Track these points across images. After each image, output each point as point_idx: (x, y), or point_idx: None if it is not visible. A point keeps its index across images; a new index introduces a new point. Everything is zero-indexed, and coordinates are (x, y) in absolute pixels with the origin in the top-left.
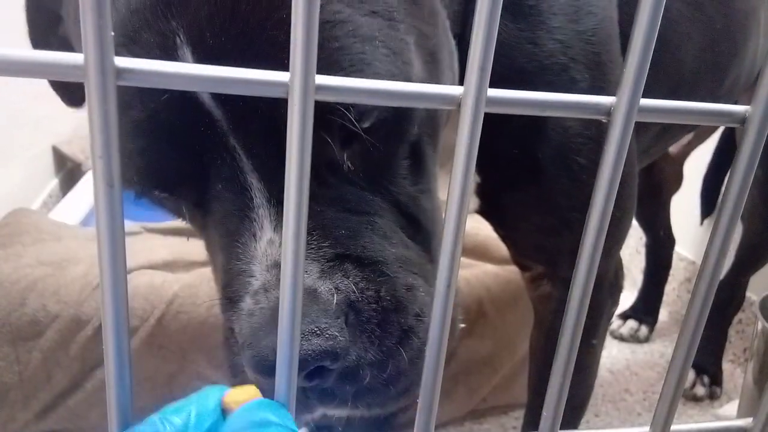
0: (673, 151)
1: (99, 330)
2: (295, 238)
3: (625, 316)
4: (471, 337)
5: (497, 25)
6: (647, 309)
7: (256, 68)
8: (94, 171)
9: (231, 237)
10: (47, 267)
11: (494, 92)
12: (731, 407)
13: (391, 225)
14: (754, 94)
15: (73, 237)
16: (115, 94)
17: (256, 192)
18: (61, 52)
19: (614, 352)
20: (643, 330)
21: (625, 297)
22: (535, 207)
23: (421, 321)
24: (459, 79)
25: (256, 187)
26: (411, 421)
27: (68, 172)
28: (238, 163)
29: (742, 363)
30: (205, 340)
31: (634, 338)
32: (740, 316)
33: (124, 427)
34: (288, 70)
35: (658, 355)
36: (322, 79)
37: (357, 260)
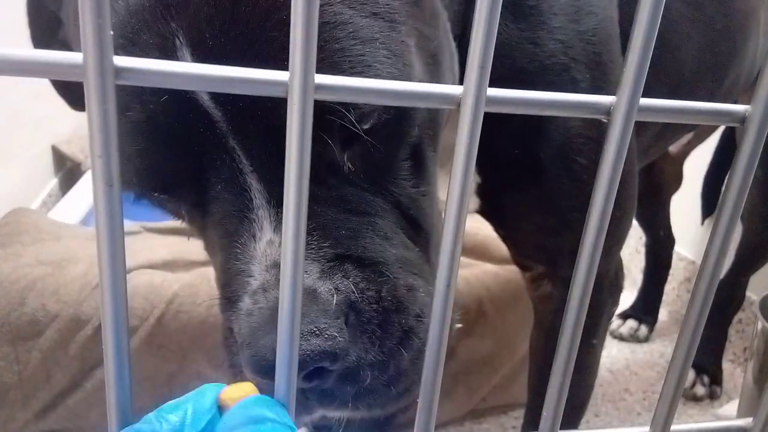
0: (673, 151)
1: (98, 329)
2: (295, 239)
3: (625, 316)
4: (471, 337)
5: (497, 24)
6: (647, 308)
7: (256, 68)
8: (94, 170)
9: (230, 237)
10: (47, 266)
11: (494, 92)
12: (731, 407)
13: (392, 226)
14: (754, 94)
15: (73, 236)
16: (114, 94)
17: (256, 193)
18: (61, 52)
19: (614, 352)
20: (643, 329)
21: (625, 297)
22: (536, 207)
23: (422, 322)
24: (459, 81)
25: (256, 188)
26: (411, 420)
27: (68, 172)
28: (237, 164)
29: (742, 363)
30: (204, 340)
31: (633, 338)
32: (740, 315)
33: (123, 426)
34: (288, 71)
35: (657, 355)
36: (321, 79)
37: (357, 261)
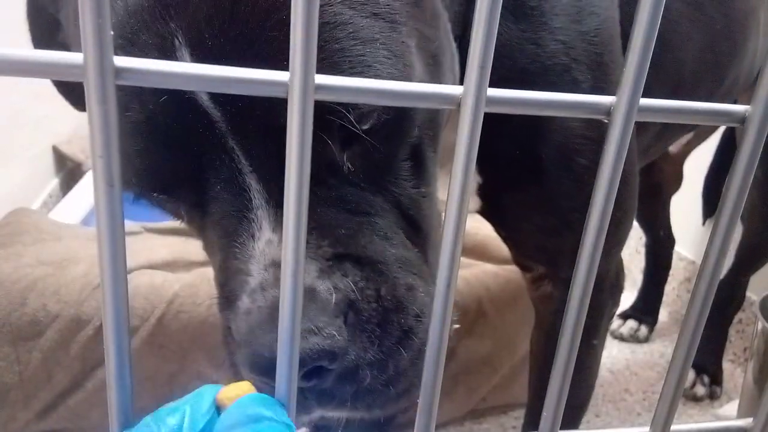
0: (673, 151)
1: (99, 329)
2: (296, 241)
3: (625, 316)
4: (471, 337)
5: (497, 24)
6: (647, 309)
7: (255, 68)
8: (94, 170)
9: (229, 237)
10: (48, 267)
11: (494, 92)
12: (731, 407)
13: (392, 226)
14: (754, 94)
15: (74, 237)
16: (115, 94)
17: (255, 193)
18: (61, 52)
19: (614, 352)
20: (643, 330)
21: (625, 297)
22: (537, 207)
23: (421, 322)
24: (460, 81)
25: (255, 188)
26: (411, 421)
27: (68, 172)
28: (236, 164)
29: (742, 363)
30: (205, 340)
31: (633, 338)
32: (740, 315)
33: (125, 426)
34: (288, 71)
35: (658, 355)
36: (321, 79)
37: (356, 260)
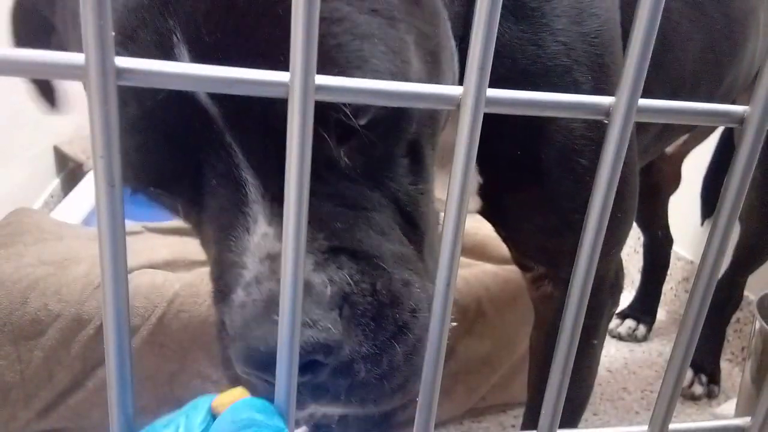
0: (671, 151)
1: (100, 329)
2: (296, 241)
3: (623, 316)
4: (470, 337)
5: (497, 25)
6: (645, 308)
7: (253, 65)
8: (96, 171)
9: (225, 231)
10: (49, 266)
11: (493, 92)
12: (729, 406)
13: (388, 221)
14: (753, 94)
15: (75, 236)
16: (116, 95)
17: (251, 188)
18: (62, 53)
19: (612, 351)
20: (641, 329)
21: (623, 296)
22: (538, 208)
23: (416, 317)
24: (460, 80)
25: (251, 183)
26: (411, 419)
27: (69, 172)
28: (233, 159)
29: (740, 362)
30: (206, 339)
31: (632, 337)
32: (738, 315)
33: (125, 425)
34: (286, 67)
35: (656, 354)
36: (322, 80)
37: (352, 254)
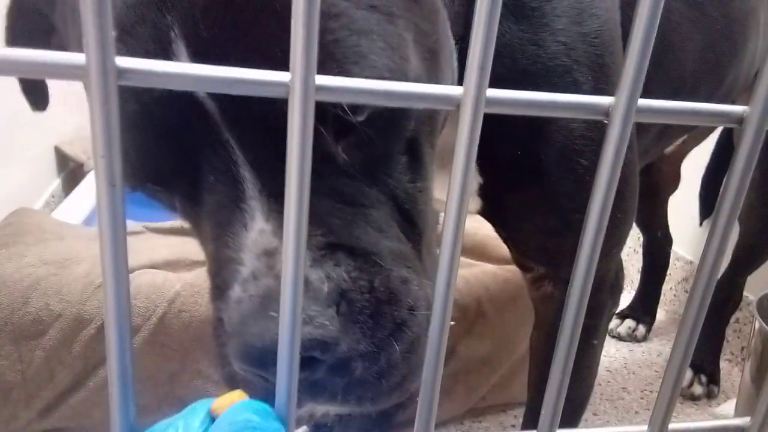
0: (670, 151)
1: (101, 329)
2: (296, 243)
3: (623, 316)
4: (470, 337)
5: (497, 25)
6: (645, 308)
7: (250, 60)
8: (97, 171)
9: (222, 227)
10: (50, 266)
11: (493, 92)
12: (729, 406)
13: (387, 218)
14: (752, 95)
15: (76, 236)
16: (117, 95)
17: (249, 184)
18: (63, 53)
19: (612, 351)
20: (641, 329)
21: (623, 296)
22: (538, 208)
23: (414, 315)
24: (459, 79)
25: (249, 179)
26: (411, 419)
27: (70, 173)
28: (231, 155)
29: (740, 362)
30: (207, 339)
31: (631, 337)
32: (737, 315)
33: (126, 425)
34: (284, 62)
35: (655, 354)
36: (322, 80)
37: (350, 250)
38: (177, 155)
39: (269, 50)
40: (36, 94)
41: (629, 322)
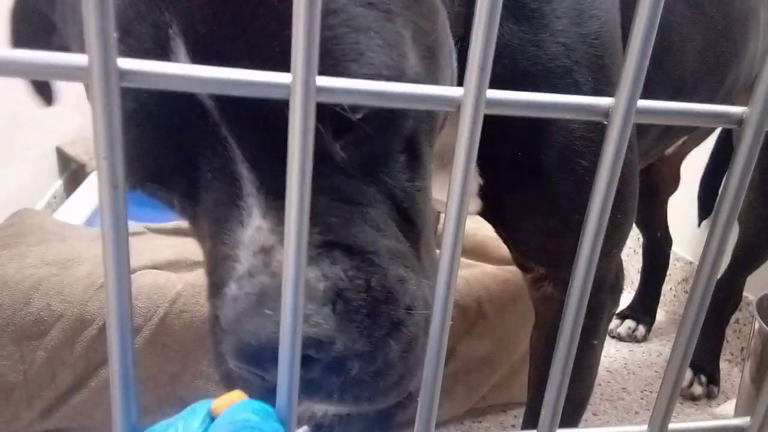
0: (669, 152)
1: (103, 329)
2: (297, 244)
3: (623, 316)
4: (470, 337)
5: (497, 25)
6: (645, 309)
7: (248, 58)
8: (99, 172)
9: (219, 224)
10: (52, 267)
11: (493, 93)
12: (728, 406)
13: (384, 217)
14: (752, 95)
15: (78, 237)
16: (119, 96)
17: (246, 182)
18: (65, 54)
19: (612, 352)
20: (641, 329)
21: (623, 297)
22: (538, 209)
23: (412, 315)
24: (459, 79)
25: (246, 177)
26: (411, 419)
27: (72, 173)
28: (229, 153)
29: (739, 362)
30: (207, 339)
31: (631, 338)
32: (737, 315)
33: (128, 425)
34: (282, 59)
35: (655, 355)
36: (323, 81)
37: (347, 249)
38: (175, 153)
39: (267, 47)
40: (44, 92)
41: (629, 323)
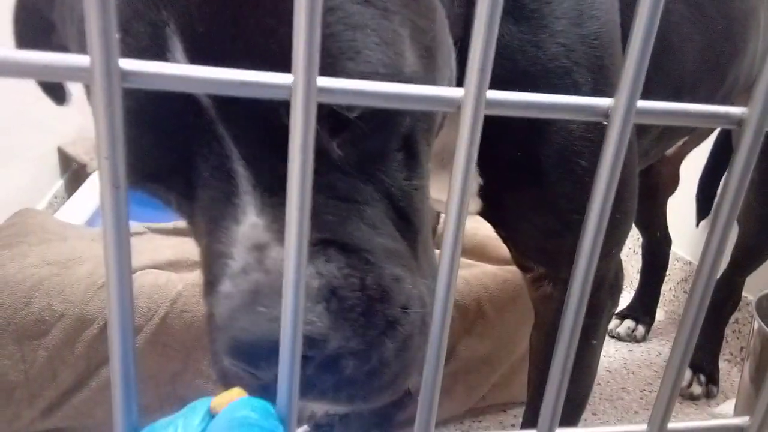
0: (669, 153)
1: (104, 329)
2: (297, 245)
3: (622, 316)
4: (470, 337)
5: (497, 26)
6: (644, 309)
7: (246, 56)
8: (100, 172)
9: (215, 222)
10: (53, 266)
11: (493, 94)
12: (728, 406)
13: (381, 216)
14: (751, 96)
15: (79, 237)
16: (121, 97)
17: (242, 179)
18: (66, 54)
19: (611, 351)
20: (640, 329)
21: (622, 297)
22: (538, 209)
23: (407, 314)
24: (458, 79)
25: (242, 175)
26: (411, 419)
27: (73, 173)
28: (225, 151)
29: (739, 362)
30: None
31: (631, 337)
32: (736, 315)
33: (129, 424)
34: (279, 57)
35: (655, 354)
36: (324, 81)
37: (342, 247)
38: (173, 152)
39: (264, 46)
40: (56, 92)
41: (629, 323)
